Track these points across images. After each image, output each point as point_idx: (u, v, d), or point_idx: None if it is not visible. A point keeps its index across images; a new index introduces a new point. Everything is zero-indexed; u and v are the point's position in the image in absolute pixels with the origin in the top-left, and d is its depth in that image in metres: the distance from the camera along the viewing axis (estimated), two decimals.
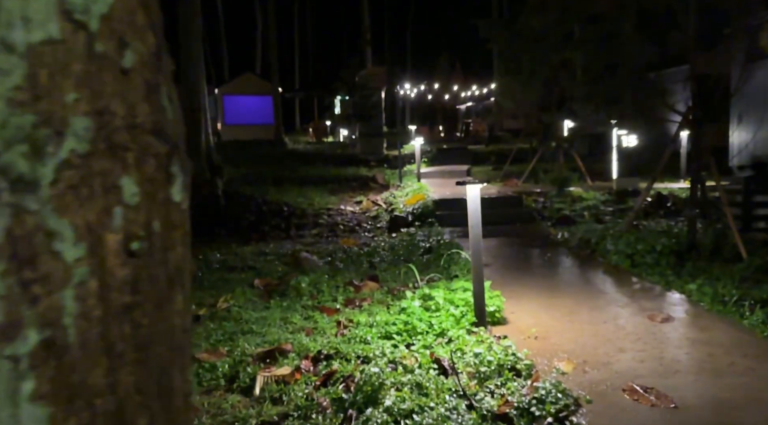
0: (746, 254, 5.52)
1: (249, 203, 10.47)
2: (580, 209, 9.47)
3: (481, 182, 3.89)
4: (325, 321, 4.20)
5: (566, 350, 3.44)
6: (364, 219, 10.11)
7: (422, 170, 18.02)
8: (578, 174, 12.50)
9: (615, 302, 4.42)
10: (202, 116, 9.66)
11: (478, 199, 3.85)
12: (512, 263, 6.06)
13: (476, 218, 3.82)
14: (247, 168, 18.80)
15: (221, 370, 3.29)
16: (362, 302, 4.71)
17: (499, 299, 4.17)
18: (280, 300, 4.84)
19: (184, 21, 9.44)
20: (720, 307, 4.15)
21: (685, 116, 5.98)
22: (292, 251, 7.43)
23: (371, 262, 6.38)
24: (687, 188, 10.43)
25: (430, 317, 4.00)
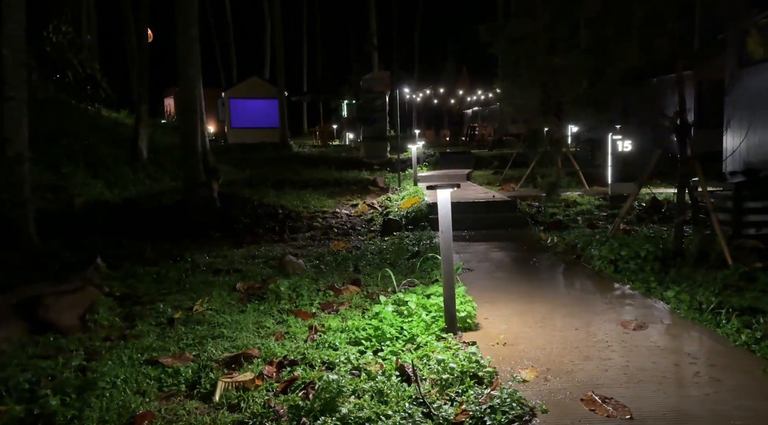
0: (732, 260, 5.45)
1: (245, 205, 10.51)
2: (574, 214, 9.42)
3: (453, 186, 3.87)
4: (298, 326, 4.20)
5: (532, 357, 3.41)
6: (359, 222, 10.11)
7: (423, 174, 18.04)
8: (576, 179, 12.44)
9: (591, 308, 4.37)
10: (198, 118, 9.72)
11: (449, 204, 3.83)
12: (496, 268, 6.02)
13: (446, 223, 3.80)
14: (251, 171, 18.96)
15: (184, 375, 3.30)
16: (340, 307, 4.70)
17: (471, 305, 4.15)
18: (258, 304, 4.85)
19: (182, 24, 9.51)
20: (696, 315, 4.10)
21: (672, 120, 5.92)
22: (280, 254, 7.45)
23: (356, 266, 6.38)
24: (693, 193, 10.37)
25: (402, 322, 3.98)
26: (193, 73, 9.58)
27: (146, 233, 9.10)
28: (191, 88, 9.60)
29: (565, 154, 12.92)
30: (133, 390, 3.15)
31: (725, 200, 6.90)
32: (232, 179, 16.55)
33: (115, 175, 13.82)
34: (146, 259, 7.23)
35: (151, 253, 7.66)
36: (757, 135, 7.38)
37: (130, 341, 3.97)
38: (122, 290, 5.57)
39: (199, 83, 9.73)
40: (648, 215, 9.00)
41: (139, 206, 10.96)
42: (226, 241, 8.71)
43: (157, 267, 6.57)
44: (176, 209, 9.81)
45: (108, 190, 12.73)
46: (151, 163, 16.07)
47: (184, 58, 9.53)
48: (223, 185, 14.45)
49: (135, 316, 4.58)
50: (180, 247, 8.17)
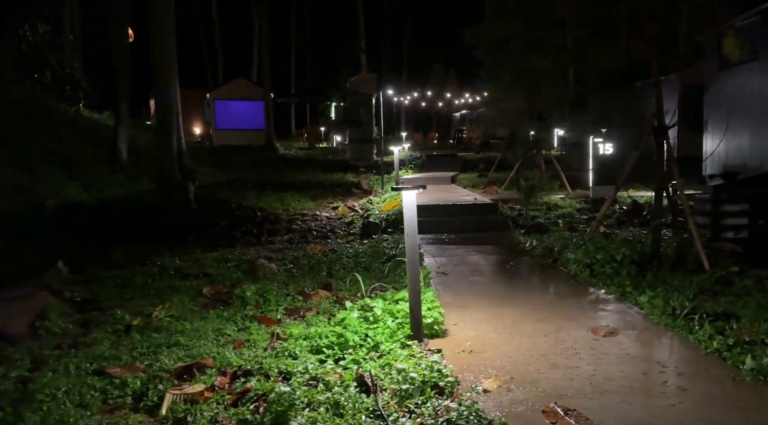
0: (709, 264, 5.37)
1: (223, 207, 10.31)
2: (555, 217, 9.34)
3: (418, 187, 3.73)
4: (260, 333, 4.04)
5: (497, 365, 3.29)
6: (339, 225, 9.96)
7: (408, 176, 17.93)
8: (559, 182, 12.41)
9: (563, 313, 4.26)
10: (173, 117, 9.52)
11: (414, 206, 3.69)
12: (471, 272, 5.90)
13: (411, 226, 3.67)
14: (235, 173, 18.76)
15: (131, 387, 3.13)
16: (307, 313, 4.55)
17: (438, 311, 4.02)
18: (222, 310, 4.68)
19: (157, 21, 9.32)
20: (669, 320, 4.00)
21: (649, 122, 5.85)
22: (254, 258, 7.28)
23: (329, 270, 6.22)
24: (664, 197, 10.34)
25: (367, 329, 3.84)
26: (168, 72, 9.39)
27: (119, 236, 8.89)
28: (167, 87, 9.40)
29: (549, 157, 12.92)
30: (74, 402, 2.98)
31: (704, 203, 6.85)
32: (215, 180, 16.34)
33: (92, 176, 13.55)
34: (115, 263, 7.03)
35: (120, 256, 7.46)
36: (736, 138, 7.34)
37: (82, 349, 3.79)
38: (83, 295, 5.38)
39: (175, 82, 9.54)
40: (629, 218, 8.94)
41: (114, 208, 10.72)
42: (201, 244, 8.52)
43: (124, 271, 6.38)
44: (151, 212, 9.60)
45: (84, 191, 12.45)
46: (130, 164, 15.79)
47: (159, 56, 9.34)
48: (205, 186, 14.24)
49: (91, 323, 4.39)
50: (152, 250, 7.97)
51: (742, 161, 7.19)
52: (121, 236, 8.86)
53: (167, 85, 9.43)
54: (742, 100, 7.28)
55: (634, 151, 6.06)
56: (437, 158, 23.44)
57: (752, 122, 6.98)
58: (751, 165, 7.05)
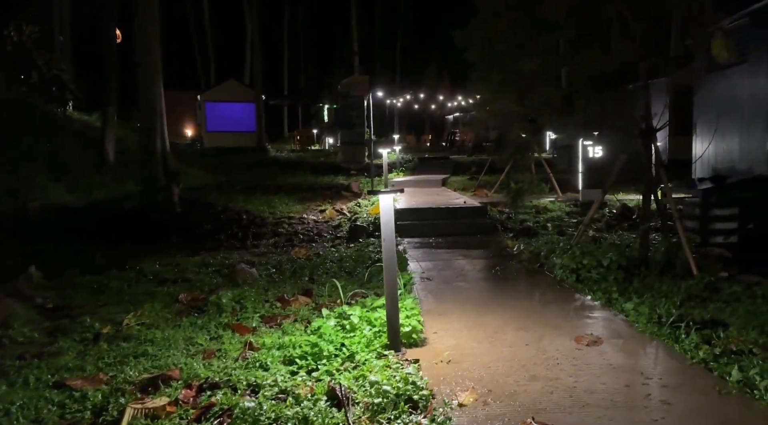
0: (697, 270, 5.28)
1: (208, 210, 10.14)
2: (544, 221, 9.24)
3: (396, 191, 3.60)
4: (233, 342, 3.90)
5: (475, 377, 3.16)
6: (326, 228, 9.81)
7: (399, 179, 17.82)
8: (550, 185, 12.32)
9: (546, 321, 4.14)
10: (157, 119, 9.36)
11: (392, 210, 3.56)
12: (456, 277, 5.78)
13: (389, 230, 3.54)
14: (225, 175, 18.60)
15: (92, 400, 2.98)
16: (284, 320, 4.41)
17: (417, 319, 3.88)
18: (197, 317, 4.53)
19: (140, 21, 9.16)
20: (655, 329, 3.88)
21: (638, 125, 5.75)
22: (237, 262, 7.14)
23: (312, 275, 6.08)
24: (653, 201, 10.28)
25: (344, 338, 3.71)
26: (153, 73, 9.23)
27: (102, 239, 8.72)
28: (151, 88, 9.25)
29: (539, 160, 12.84)
30: (29, 418, 2.83)
31: (693, 207, 6.76)
32: (204, 183, 16.18)
33: (78, 178, 13.37)
34: (94, 267, 6.87)
35: (101, 260, 7.30)
36: (725, 141, 7.26)
37: (45, 359, 3.63)
38: (56, 301, 5.22)
39: (159, 83, 9.38)
40: (618, 222, 8.85)
41: (99, 210, 10.54)
42: (185, 247, 8.36)
43: (101, 276, 6.22)
44: (135, 214, 9.43)
45: (69, 194, 12.27)
46: (118, 166, 15.61)
47: (143, 57, 9.18)
48: (194, 189, 14.08)
49: (59, 331, 4.24)
50: (134, 254, 7.81)
51: (732, 164, 7.11)
52: (104, 239, 8.69)
53: (152, 86, 9.28)
54: (731, 103, 7.21)
55: (622, 154, 5.96)
56: (429, 161, 23.37)
57: (741, 125, 6.91)
58: (740, 168, 6.97)
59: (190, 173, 17.66)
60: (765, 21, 6.56)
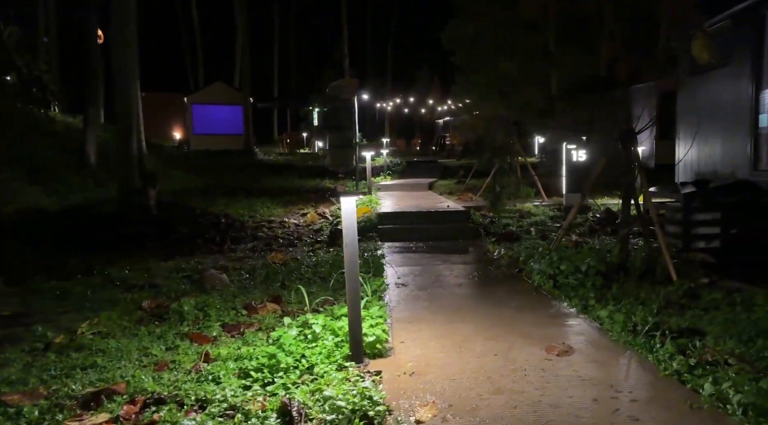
0: (677, 276, 5.16)
1: (186, 214, 9.94)
2: (528, 225, 9.11)
3: (357, 194, 3.44)
4: (190, 353, 3.71)
5: (438, 390, 3.00)
6: (307, 232, 9.64)
7: (386, 183, 17.68)
8: (535, 189, 12.24)
9: (518, 329, 3.99)
10: (133, 120, 9.15)
11: (354, 214, 3.40)
12: (432, 283, 5.62)
13: (351, 235, 3.38)
14: (210, 178, 18.39)
15: (27, 417, 2.79)
16: (248, 329, 4.23)
17: (382, 328, 3.72)
18: (157, 326, 4.34)
19: (117, 21, 8.96)
20: (629, 338, 3.74)
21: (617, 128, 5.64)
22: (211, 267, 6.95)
23: (285, 280, 5.90)
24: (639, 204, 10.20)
25: (305, 348, 3.53)
26: (129, 74, 9.03)
27: (75, 244, 8.49)
28: (127, 89, 9.04)
29: (525, 163, 12.75)
30: None
31: (675, 211, 6.66)
32: (188, 186, 15.96)
33: (57, 181, 13.11)
34: (62, 272, 6.65)
35: (72, 265, 7.09)
36: (708, 145, 7.17)
37: None
38: (15, 308, 5.01)
39: (136, 84, 9.18)
40: (601, 227, 8.74)
41: (75, 214, 10.30)
42: (159, 252, 8.16)
43: (66, 282, 6.01)
44: (111, 218, 9.20)
45: (47, 197, 12.01)
46: (100, 169, 15.34)
47: (118, 57, 8.98)
48: (176, 192, 13.86)
49: (9, 340, 4.03)
50: (107, 258, 7.60)
51: (715, 168, 7.02)
52: (77, 244, 8.46)
53: (128, 87, 9.08)
54: (713, 107, 7.12)
55: (602, 157, 5.84)
56: (418, 165, 23.28)
57: (723, 129, 6.82)
58: (722, 172, 6.88)
59: (174, 176, 17.44)
60: (747, 23, 6.48)
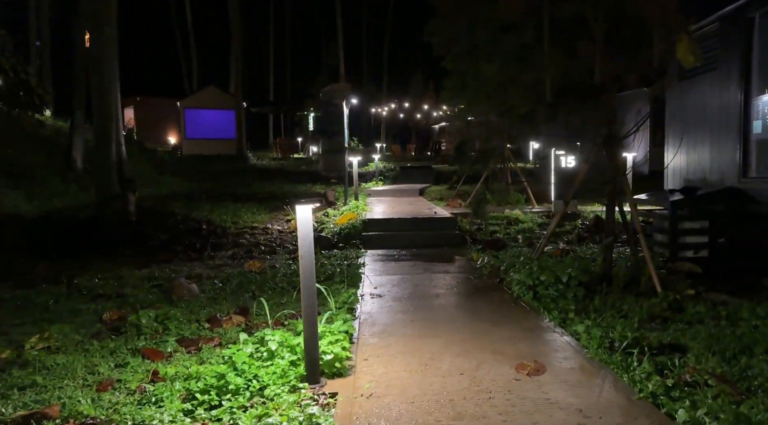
0: (662, 287, 4.96)
1: (167, 220, 9.72)
2: (515, 232, 8.92)
3: (314, 202, 3.24)
4: (139, 371, 3.49)
5: (394, 415, 2.78)
6: (290, 239, 9.42)
7: (377, 188, 17.50)
8: (525, 195, 12.06)
9: (489, 345, 3.78)
10: (113, 124, 8.94)
11: (310, 223, 3.20)
12: (410, 294, 5.40)
13: (307, 245, 3.17)
14: (199, 183, 18.19)
15: None
16: (206, 344, 4.02)
17: (342, 345, 3.50)
18: (113, 340, 4.12)
19: (97, 21, 8.76)
20: (605, 355, 3.54)
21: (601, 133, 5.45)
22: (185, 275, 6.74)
23: (256, 291, 5.68)
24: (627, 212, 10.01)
25: (259, 367, 3.32)
26: (108, 76, 8.82)
27: (49, 250, 8.28)
28: (106, 91, 8.84)
29: (515, 169, 12.58)
30: None
31: (663, 219, 6.46)
32: (175, 191, 15.76)
33: (40, 186, 12.88)
34: (32, 280, 6.43)
35: (41, 272, 6.87)
36: (696, 151, 6.99)
37: None
38: None
39: (115, 87, 8.97)
40: (589, 234, 8.55)
41: (53, 219, 10.07)
42: (135, 260, 7.94)
43: (31, 291, 5.79)
44: (89, 224, 8.98)
45: (28, 202, 11.77)
46: (86, 173, 15.11)
47: (98, 58, 8.78)
48: (162, 197, 13.64)
49: None
50: (80, 265, 7.39)
51: (703, 175, 6.84)
52: (51, 250, 8.25)
53: (107, 89, 8.87)
54: (702, 112, 6.94)
55: (584, 163, 5.65)
56: (411, 170, 23.10)
57: (712, 135, 6.64)
58: (711, 180, 6.69)
59: (162, 181, 17.24)
60: (735, 26, 6.31)
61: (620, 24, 5.43)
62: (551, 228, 6.03)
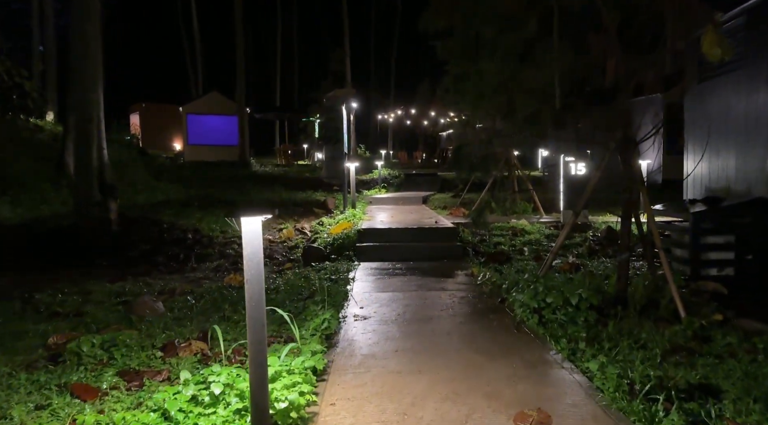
0: (685, 311, 4.32)
1: (151, 229, 9.19)
2: (521, 244, 8.29)
3: (267, 213, 2.65)
4: (61, 415, 2.91)
5: None
6: (280, 250, 8.86)
7: (380, 195, 16.93)
8: (533, 204, 11.42)
9: (485, 386, 3.17)
10: (93, 127, 8.44)
11: (259, 238, 2.61)
12: (397, 316, 4.80)
13: (255, 268, 2.58)
14: (197, 190, 17.73)
15: None
16: (153, 378, 3.44)
17: (301, 389, 2.90)
18: (50, 371, 3.56)
19: (77, 18, 8.30)
20: (624, 402, 2.91)
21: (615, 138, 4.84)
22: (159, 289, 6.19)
23: (226, 312, 5.09)
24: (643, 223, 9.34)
25: (198, 416, 2.73)
26: (89, 76, 8.34)
27: (22, 260, 7.78)
28: (86, 92, 8.35)
29: (522, 177, 11.96)
30: None
31: (683, 233, 5.83)
32: (171, 197, 15.29)
33: (31, 192, 12.44)
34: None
35: (6, 285, 6.36)
36: (720, 159, 6.34)
37: None
38: None
39: (97, 88, 8.48)
40: (602, 247, 7.90)
41: (34, 227, 9.58)
42: (110, 271, 7.42)
43: None
44: (67, 233, 8.47)
45: (11, 209, 11.31)
46: None
47: (78, 58, 8.30)
48: (155, 204, 13.14)
49: None
50: (49, 278, 6.87)
51: (727, 184, 6.19)
52: (25, 260, 7.75)
53: (87, 90, 8.39)
54: (726, 116, 6.30)
55: (596, 170, 5.04)
56: (416, 177, 22.51)
57: (738, 140, 6.00)
58: (736, 190, 6.04)
59: (158, 188, 16.78)
60: (764, 19, 5.69)
61: (634, 15, 4.85)
62: (560, 241, 5.40)
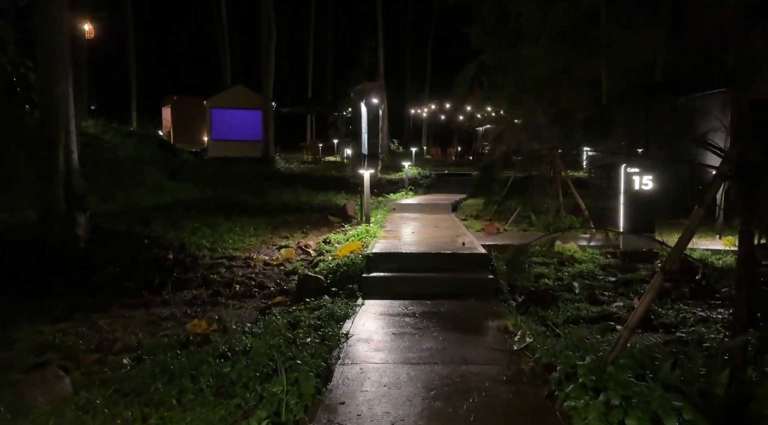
0: None
1: (128, 245, 7.87)
2: (569, 277, 6.58)
3: None
4: None
5: None
6: (275, 275, 7.41)
7: (405, 201, 15.31)
8: (580, 217, 9.53)
9: None
10: (60, 128, 7.18)
11: None
12: (391, 405, 3.24)
13: None
14: (212, 190, 16.62)
15: None
16: None
17: None
18: None
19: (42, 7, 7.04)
20: None
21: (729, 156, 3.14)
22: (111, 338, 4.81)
23: (155, 394, 3.64)
24: (724, 251, 7.48)
25: None
26: (55, 71, 7.08)
27: None
28: (52, 86, 7.10)
29: (566, 180, 9.93)
30: None
31: None
32: (179, 199, 14.16)
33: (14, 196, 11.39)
34: None
35: None
36: None
37: None
38: None
39: (65, 81, 7.21)
40: (675, 286, 6.11)
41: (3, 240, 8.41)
42: (63, 301, 6.15)
43: None
44: (25, 250, 7.23)
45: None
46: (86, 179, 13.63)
47: (43, 45, 7.04)
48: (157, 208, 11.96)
49: None
50: None
51: None
52: None
53: (53, 85, 7.13)
54: None
55: (698, 207, 3.33)
56: (448, 178, 20.79)
57: None
58: None
59: (168, 188, 15.70)
60: None
61: None
62: (639, 311, 3.63)
